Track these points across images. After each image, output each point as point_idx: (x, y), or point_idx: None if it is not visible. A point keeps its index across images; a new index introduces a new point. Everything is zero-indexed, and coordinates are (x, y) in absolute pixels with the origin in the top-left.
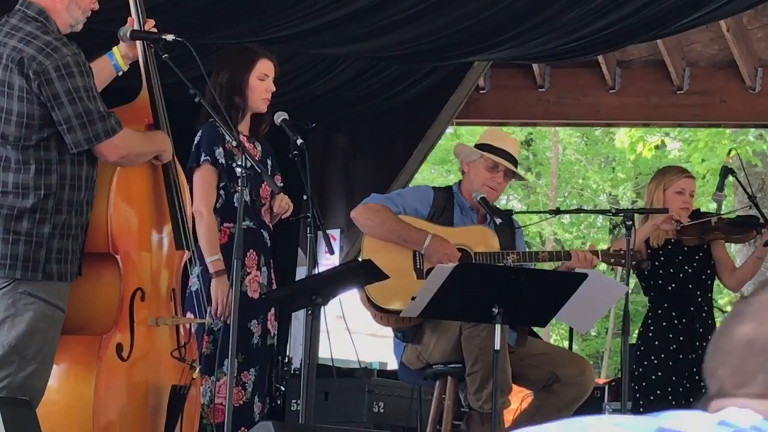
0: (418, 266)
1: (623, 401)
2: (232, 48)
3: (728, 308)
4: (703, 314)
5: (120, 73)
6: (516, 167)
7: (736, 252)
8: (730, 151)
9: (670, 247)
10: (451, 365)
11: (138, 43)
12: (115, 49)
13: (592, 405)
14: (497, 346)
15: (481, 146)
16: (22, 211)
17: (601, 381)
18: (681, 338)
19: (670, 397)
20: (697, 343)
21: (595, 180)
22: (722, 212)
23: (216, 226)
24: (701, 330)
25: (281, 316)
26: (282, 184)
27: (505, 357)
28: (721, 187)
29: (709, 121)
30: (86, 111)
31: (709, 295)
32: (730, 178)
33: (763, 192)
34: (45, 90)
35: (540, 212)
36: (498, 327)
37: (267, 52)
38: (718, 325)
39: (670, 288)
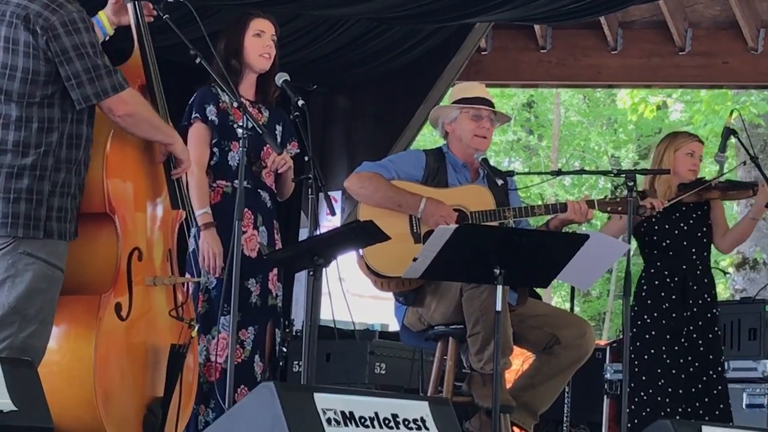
0: (415, 230)
1: (624, 363)
2: (231, 17)
3: (730, 270)
4: (698, 272)
5: (107, 38)
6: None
7: (738, 214)
8: (732, 112)
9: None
10: (453, 326)
11: (129, 5)
12: (101, 13)
13: (593, 367)
14: (498, 307)
15: (457, 102)
16: (22, 168)
17: (602, 343)
18: (673, 297)
19: (664, 356)
20: (691, 301)
21: (597, 141)
22: (717, 177)
23: (206, 182)
24: (695, 287)
25: (285, 278)
26: (298, 151)
27: (506, 318)
28: (723, 148)
29: (711, 82)
30: (94, 66)
31: (705, 254)
32: (732, 139)
33: (765, 153)
34: (53, 45)
35: (541, 173)
36: (499, 288)
37: (261, 12)
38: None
39: (664, 244)
